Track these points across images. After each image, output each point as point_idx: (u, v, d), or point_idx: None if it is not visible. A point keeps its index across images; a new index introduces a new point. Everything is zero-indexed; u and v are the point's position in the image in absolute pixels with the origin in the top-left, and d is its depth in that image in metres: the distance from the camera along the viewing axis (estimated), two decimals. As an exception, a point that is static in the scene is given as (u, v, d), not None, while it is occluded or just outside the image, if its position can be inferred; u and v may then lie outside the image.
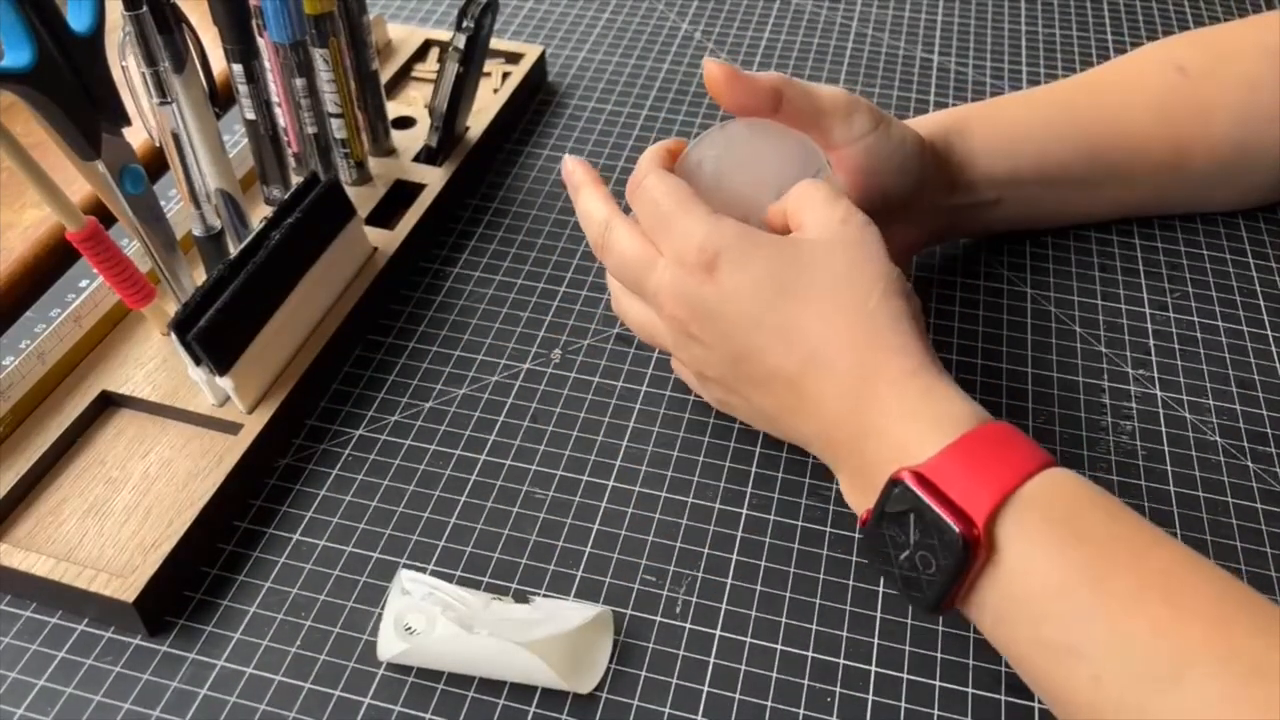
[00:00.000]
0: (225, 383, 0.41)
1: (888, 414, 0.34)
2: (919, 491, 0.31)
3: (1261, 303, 0.49)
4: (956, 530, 0.30)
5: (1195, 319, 0.49)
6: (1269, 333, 0.48)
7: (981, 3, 0.71)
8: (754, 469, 0.42)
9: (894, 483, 0.32)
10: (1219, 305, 0.49)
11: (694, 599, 0.38)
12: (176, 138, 0.43)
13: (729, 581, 0.39)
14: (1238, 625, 0.28)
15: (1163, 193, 0.52)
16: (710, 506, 0.41)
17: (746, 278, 0.36)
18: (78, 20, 0.37)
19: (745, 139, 0.41)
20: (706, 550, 0.40)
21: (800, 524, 0.40)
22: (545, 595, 0.38)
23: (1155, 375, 0.46)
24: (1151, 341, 0.48)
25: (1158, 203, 0.53)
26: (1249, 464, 0.43)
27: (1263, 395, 0.45)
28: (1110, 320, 0.49)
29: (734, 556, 0.39)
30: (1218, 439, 0.44)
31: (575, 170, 0.42)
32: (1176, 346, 0.47)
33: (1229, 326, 0.48)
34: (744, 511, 0.41)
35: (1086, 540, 0.30)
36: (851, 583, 0.39)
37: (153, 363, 0.45)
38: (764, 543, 0.40)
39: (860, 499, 0.35)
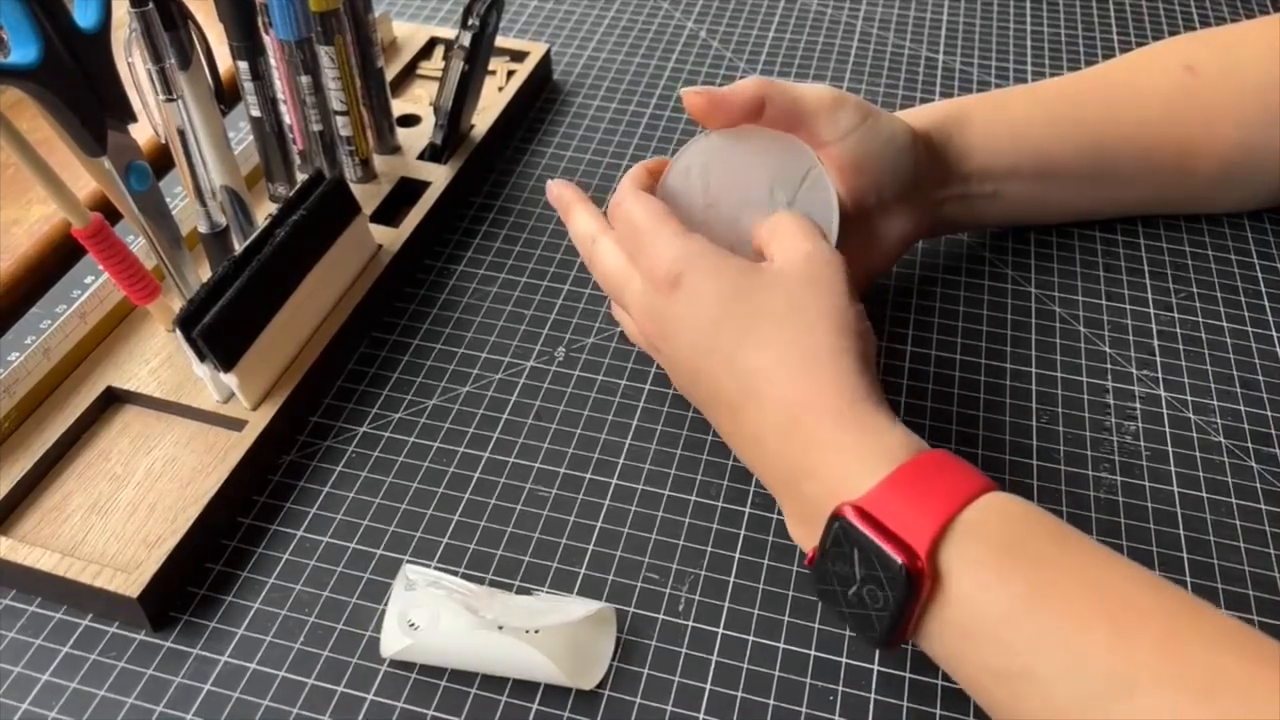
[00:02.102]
0: (230, 379, 0.41)
1: (823, 449, 0.34)
2: (860, 526, 0.31)
3: (1266, 303, 0.49)
4: (899, 562, 0.30)
5: (1200, 319, 0.49)
6: (1273, 333, 0.48)
7: (987, 2, 0.71)
8: (757, 467, 0.42)
9: (835, 518, 0.32)
10: (1224, 305, 0.49)
11: (697, 597, 0.38)
12: (182, 134, 0.43)
13: (732, 579, 0.39)
14: (1189, 640, 0.28)
15: (1167, 193, 0.52)
16: (714, 504, 0.41)
17: (703, 298, 0.37)
18: (84, 17, 0.37)
19: (730, 145, 0.41)
20: (709, 548, 0.40)
21: (803, 523, 0.40)
22: (549, 592, 0.38)
23: (1159, 375, 0.46)
24: (1156, 341, 0.48)
25: (1162, 202, 0.53)
26: (1253, 464, 0.42)
27: (1267, 396, 0.45)
28: (1114, 320, 0.49)
29: (737, 554, 0.40)
30: (1222, 439, 0.43)
31: (562, 193, 0.43)
32: (1181, 347, 0.47)
33: (1233, 327, 0.48)
34: (747, 510, 0.41)
35: (1031, 563, 0.30)
36: (854, 581, 0.39)
37: (157, 359, 0.45)
38: (767, 541, 0.40)
39: (804, 535, 0.35)
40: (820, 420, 0.34)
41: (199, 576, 0.39)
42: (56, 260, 0.52)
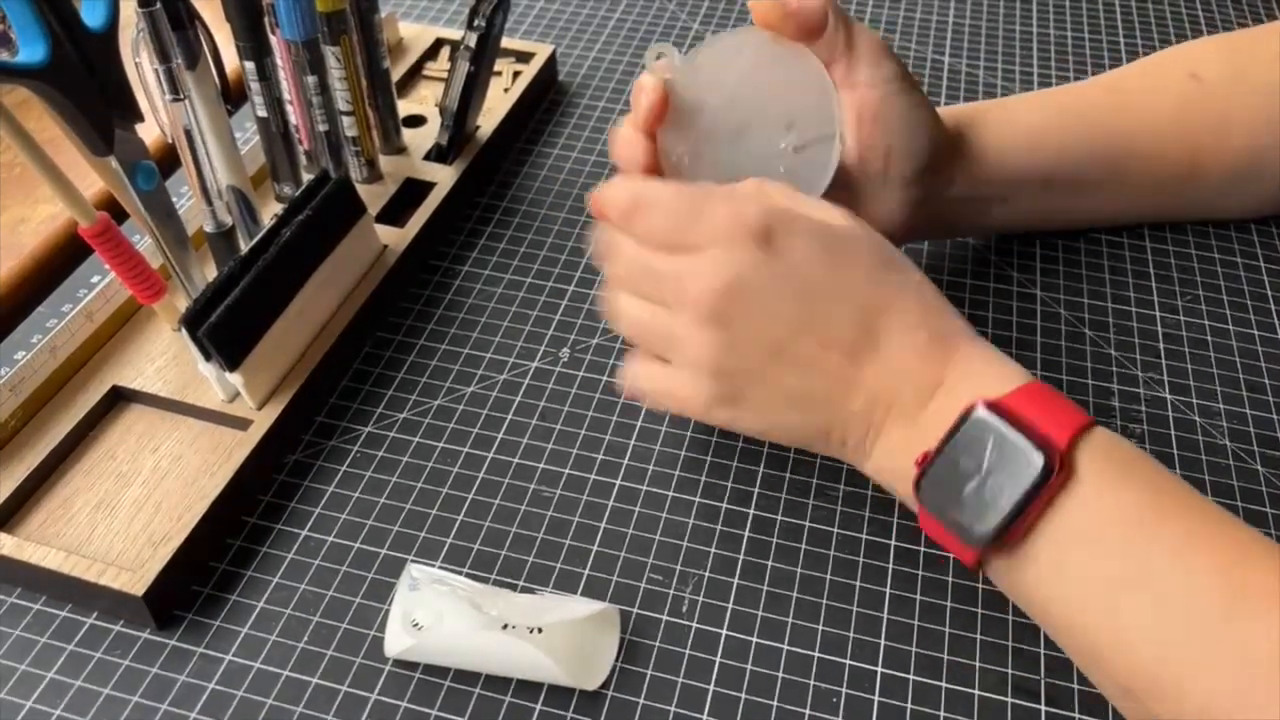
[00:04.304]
0: (235, 378, 0.41)
1: (957, 362, 0.35)
2: (1001, 416, 0.32)
3: (1272, 307, 0.49)
4: (1042, 449, 0.31)
5: (1206, 322, 0.49)
6: (1279, 336, 0.48)
7: (993, 5, 0.71)
8: (761, 469, 0.42)
9: (967, 413, 0.32)
10: (1230, 309, 0.49)
11: (700, 598, 0.38)
12: (189, 134, 0.43)
13: (735, 581, 0.39)
14: None
15: (1177, 200, 0.52)
16: (717, 506, 0.41)
17: (802, 246, 0.35)
18: (92, 17, 0.37)
19: (774, 54, 0.40)
20: (713, 550, 0.40)
21: (807, 524, 0.40)
22: (552, 592, 0.38)
23: (1165, 378, 0.46)
24: (1162, 345, 0.48)
25: (1171, 209, 0.53)
26: (1259, 468, 0.42)
27: (1272, 400, 0.45)
28: (1120, 323, 0.49)
29: (740, 556, 0.39)
30: (1228, 443, 0.43)
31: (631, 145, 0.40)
32: (1187, 350, 0.47)
33: (1240, 330, 0.48)
34: (751, 511, 0.41)
35: (1147, 484, 0.32)
36: (858, 584, 0.39)
37: (163, 358, 0.45)
38: (771, 543, 0.40)
39: (909, 451, 0.34)
40: (956, 339, 0.35)
41: (204, 575, 0.39)
42: (63, 259, 0.53)
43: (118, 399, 0.44)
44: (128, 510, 0.40)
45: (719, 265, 0.35)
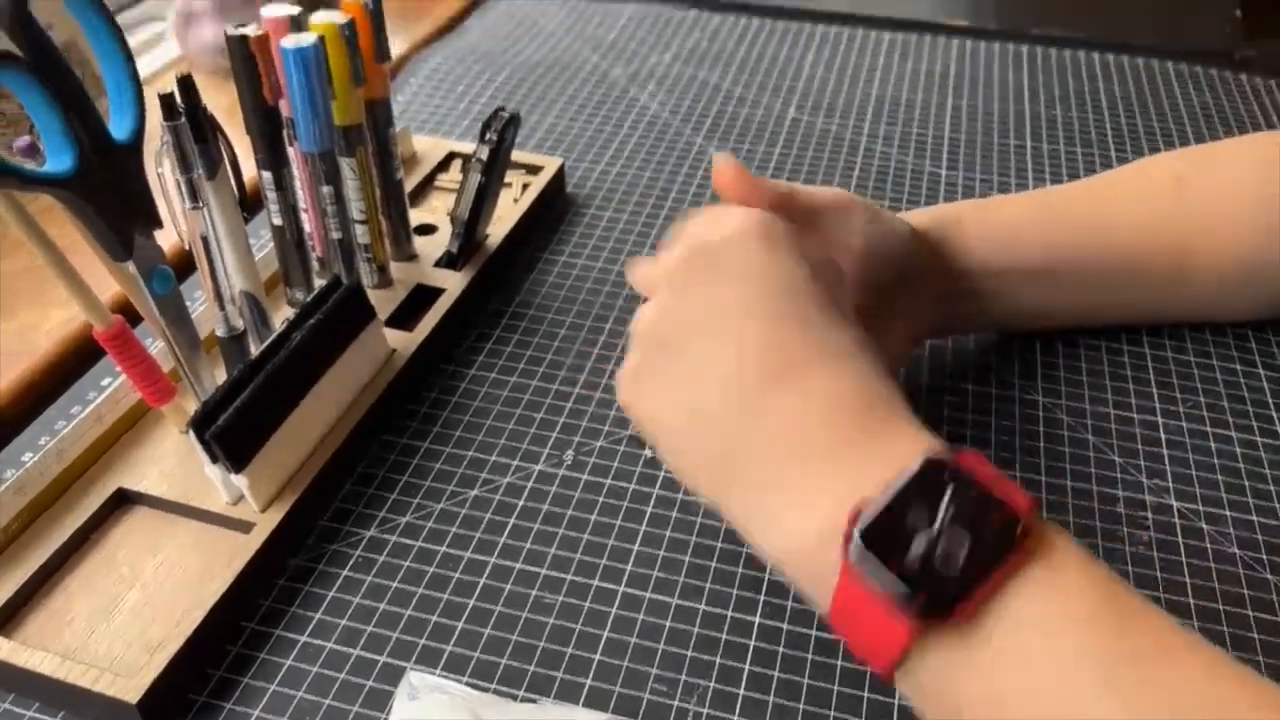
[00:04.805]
0: (240, 481, 0.41)
1: (907, 420, 0.32)
2: (964, 466, 0.28)
3: (1274, 413, 0.49)
4: (1007, 505, 0.27)
5: (1208, 428, 0.49)
6: (1284, 444, 0.48)
7: (987, 116, 0.73)
8: (768, 575, 0.42)
9: (928, 462, 0.28)
10: (1231, 415, 0.49)
11: (705, 710, 0.37)
12: (205, 241, 0.44)
13: (741, 692, 0.38)
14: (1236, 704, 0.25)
15: (1167, 303, 0.52)
16: (723, 614, 0.41)
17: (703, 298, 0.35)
18: (119, 129, 0.39)
19: None
20: (719, 659, 0.39)
21: (815, 633, 0.40)
22: (554, 702, 0.37)
23: (1170, 485, 0.46)
24: (1165, 451, 0.48)
25: (1162, 312, 0.53)
26: (1269, 576, 0.42)
27: (1278, 505, 0.45)
28: (1122, 429, 0.49)
29: (746, 666, 0.39)
30: (1236, 550, 0.43)
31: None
32: (1190, 456, 0.47)
33: (1243, 437, 0.48)
34: (756, 619, 0.40)
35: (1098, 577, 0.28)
36: (866, 694, 0.38)
37: (169, 460, 0.45)
38: (777, 652, 0.39)
39: (835, 505, 0.29)
40: (893, 403, 0.32)
41: (201, 682, 0.38)
42: (75, 363, 0.53)
43: (122, 501, 0.44)
44: (126, 615, 0.40)
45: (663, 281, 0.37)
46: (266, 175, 0.48)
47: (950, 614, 0.27)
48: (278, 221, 0.49)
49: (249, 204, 0.47)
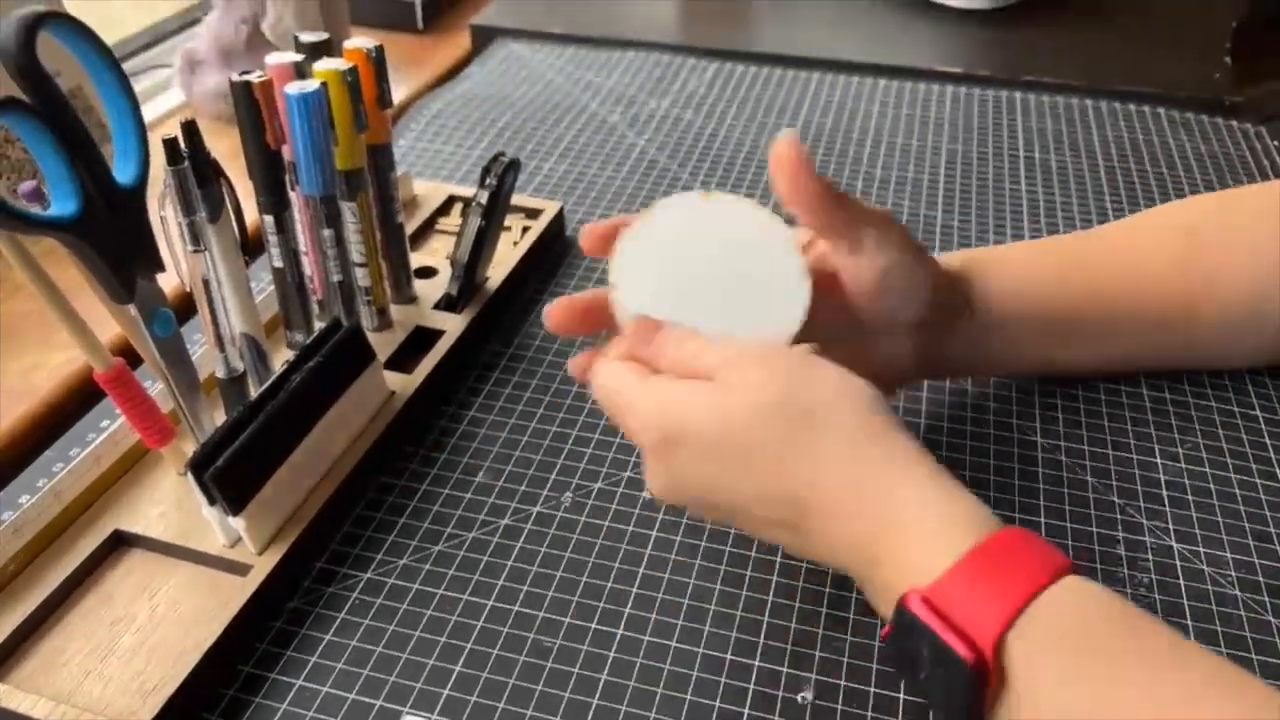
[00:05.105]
0: (238, 523, 0.41)
1: (898, 555, 0.34)
2: (922, 617, 0.31)
3: (1272, 455, 0.49)
4: (960, 656, 0.30)
5: (1208, 470, 0.49)
6: (1282, 485, 0.48)
7: (980, 161, 0.74)
8: (766, 619, 0.42)
9: (901, 606, 0.32)
10: (1230, 458, 0.49)
11: (704, 754, 0.37)
12: (206, 284, 0.44)
13: (740, 736, 0.38)
14: None
15: (1174, 351, 0.52)
16: (721, 657, 0.40)
17: (690, 459, 0.37)
18: (123, 173, 0.39)
19: (716, 223, 0.41)
20: (718, 704, 0.39)
21: (814, 676, 0.40)
22: (551, 748, 0.37)
23: (1170, 527, 0.46)
24: (1165, 493, 0.47)
25: (1169, 358, 0.53)
26: (1270, 619, 0.42)
27: (1279, 549, 0.45)
28: (1122, 470, 0.49)
29: (746, 710, 0.38)
30: (1238, 593, 0.43)
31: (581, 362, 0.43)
32: (1190, 498, 0.47)
33: (1241, 479, 0.48)
34: (756, 663, 0.40)
35: (1102, 661, 0.29)
36: (867, 739, 0.37)
37: (167, 502, 0.45)
38: (777, 696, 0.39)
39: (884, 607, 0.35)
40: (889, 517, 0.34)
41: (193, 727, 0.38)
42: (74, 404, 0.53)
43: (119, 543, 0.44)
44: (121, 657, 0.39)
45: (649, 471, 0.39)
46: (268, 219, 0.48)
47: None
48: (279, 264, 0.50)
49: (250, 247, 0.47)
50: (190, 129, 0.42)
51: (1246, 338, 0.52)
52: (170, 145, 0.41)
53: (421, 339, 0.54)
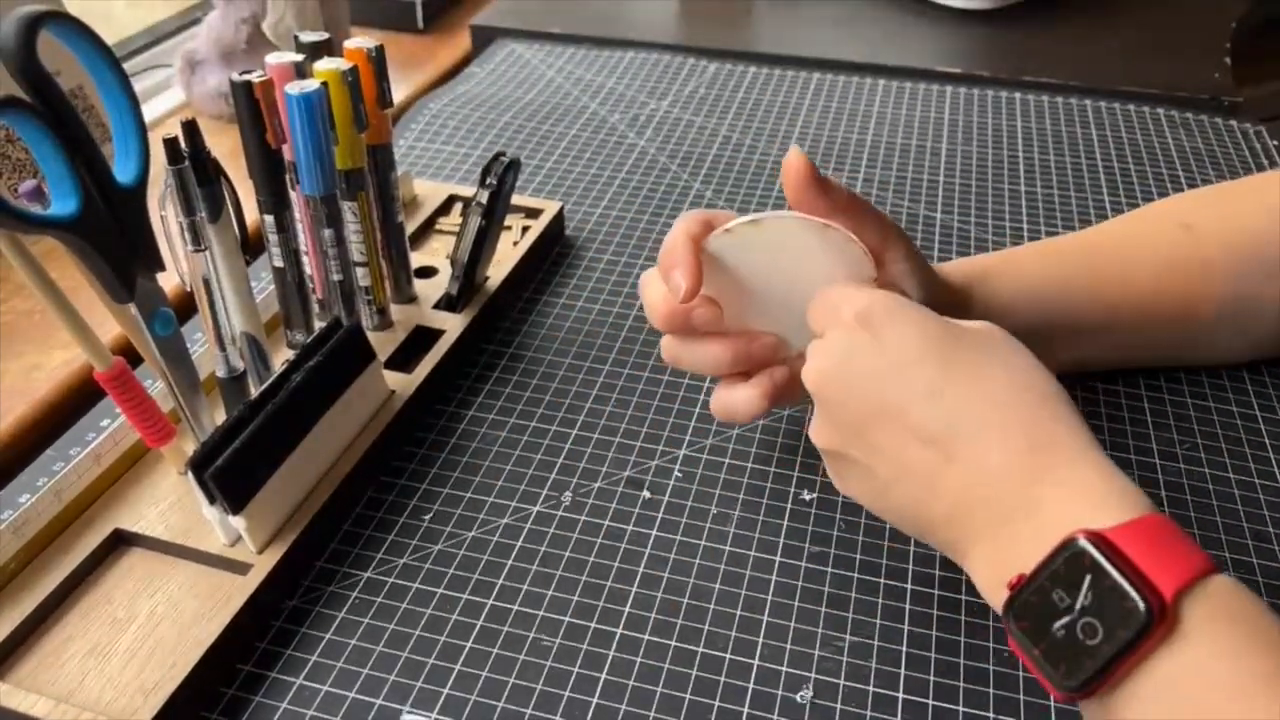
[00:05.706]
0: (238, 522, 0.41)
1: (1058, 481, 0.33)
2: (1104, 552, 0.30)
3: (1270, 455, 0.50)
4: (1147, 603, 0.29)
5: (1207, 470, 0.49)
6: (1281, 485, 0.48)
7: (981, 161, 0.74)
8: (765, 618, 0.42)
9: (1067, 542, 0.31)
10: (1229, 458, 0.49)
11: (703, 753, 0.37)
12: (207, 283, 0.44)
13: (740, 735, 0.38)
14: None
15: (1174, 345, 0.53)
16: (721, 656, 0.40)
17: (897, 332, 0.36)
18: (124, 172, 0.39)
19: (800, 233, 0.41)
20: (717, 702, 0.39)
21: (813, 675, 0.40)
22: (550, 747, 0.37)
23: (1169, 527, 0.46)
24: (1164, 493, 0.48)
25: (1167, 354, 0.53)
26: (1270, 619, 0.42)
27: (1278, 548, 0.45)
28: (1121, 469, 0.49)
29: (745, 709, 0.38)
30: (1236, 593, 0.43)
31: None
32: (1189, 499, 0.47)
33: (1240, 479, 0.48)
34: (755, 662, 0.40)
35: (1265, 647, 0.29)
36: (866, 738, 0.38)
37: (167, 501, 0.45)
38: (776, 695, 0.39)
39: (999, 567, 0.33)
40: (1062, 452, 0.33)
41: (193, 726, 0.38)
42: (75, 404, 0.53)
43: (119, 542, 0.44)
44: (121, 657, 0.39)
45: (819, 350, 0.38)
46: (268, 219, 0.48)
47: (1087, 691, 0.30)
48: (279, 264, 0.50)
49: (250, 246, 0.47)
50: (191, 128, 0.42)
51: (1243, 329, 0.52)
52: (171, 145, 0.41)
53: (421, 339, 0.55)
